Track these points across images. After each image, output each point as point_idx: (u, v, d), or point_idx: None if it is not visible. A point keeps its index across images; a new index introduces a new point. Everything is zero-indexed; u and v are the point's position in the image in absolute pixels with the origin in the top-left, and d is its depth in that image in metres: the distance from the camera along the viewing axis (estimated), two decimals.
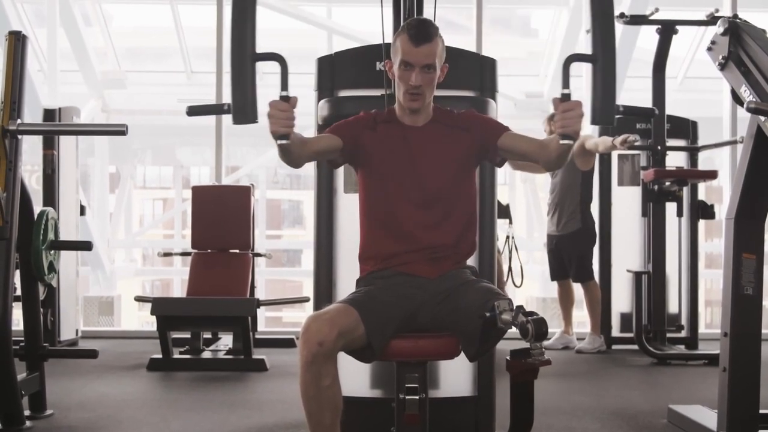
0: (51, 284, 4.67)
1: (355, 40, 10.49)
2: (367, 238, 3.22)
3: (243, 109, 3.12)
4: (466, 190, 3.22)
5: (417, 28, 3.10)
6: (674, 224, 6.93)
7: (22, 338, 4.42)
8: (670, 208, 6.77)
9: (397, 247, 3.13)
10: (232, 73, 3.12)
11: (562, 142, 2.86)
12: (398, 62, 3.09)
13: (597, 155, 7.04)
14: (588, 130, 7.12)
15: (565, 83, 2.90)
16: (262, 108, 2.96)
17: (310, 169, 3.80)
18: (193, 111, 3.37)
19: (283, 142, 2.85)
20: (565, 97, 2.87)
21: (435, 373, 3.83)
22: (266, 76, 12.81)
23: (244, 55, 3.10)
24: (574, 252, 7.12)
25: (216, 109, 3.59)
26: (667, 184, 6.59)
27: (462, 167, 3.18)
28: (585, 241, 7.13)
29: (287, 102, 2.85)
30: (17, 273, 4.29)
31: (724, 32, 3.84)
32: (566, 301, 7.33)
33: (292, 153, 2.97)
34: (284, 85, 2.91)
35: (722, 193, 10.63)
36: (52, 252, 4.58)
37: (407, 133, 3.15)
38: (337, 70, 3.97)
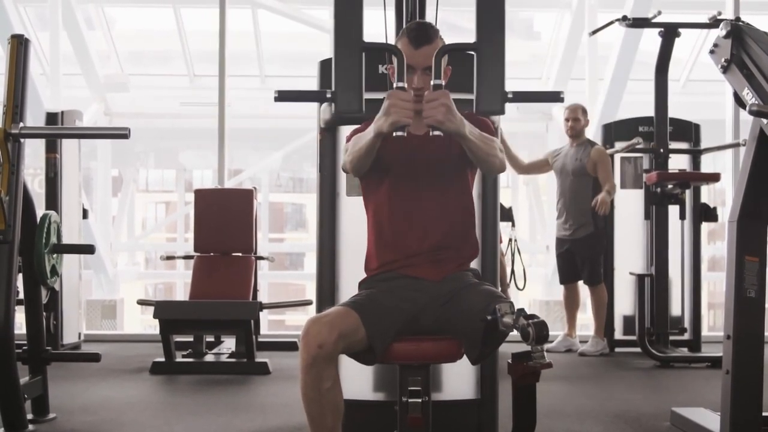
0: (54, 288, 4.67)
1: None
2: (371, 243, 3.22)
3: (349, 98, 3.09)
4: (467, 192, 3.21)
5: (417, 30, 3.10)
6: (677, 227, 6.93)
7: (25, 342, 4.42)
8: (673, 210, 6.77)
9: (399, 251, 3.13)
10: (338, 62, 3.09)
11: (432, 133, 2.84)
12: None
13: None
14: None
15: (437, 74, 2.89)
16: None
17: (312, 172, 3.81)
18: (284, 96, 3.30)
19: (399, 133, 2.83)
20: (436, 88, 2.86)
21: (437, 376, 3.83)
22: (268, 80, 12.85)
23: (352, 43, 3.07)
24: (587, 255, 7.12)
25: (316, 96, 3.52)
26: (670, 186, 6.59)
27: (461, 171, 3.18)
28: (597, 245, 7.14)
29: (405, 92, 2.84)
30: (20, 276, 4.29)
31: (727, 35, 3.83)
32: (572, 305, 7.33)
33: (373, 154, 2.98)
34: (401, 77, 2.90)
35: (725, 195, 10.62)
36: (55, 255, 4.59)
37: (409, 142, 3.15)
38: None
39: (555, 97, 3.31)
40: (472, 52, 3.06)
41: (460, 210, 3.18)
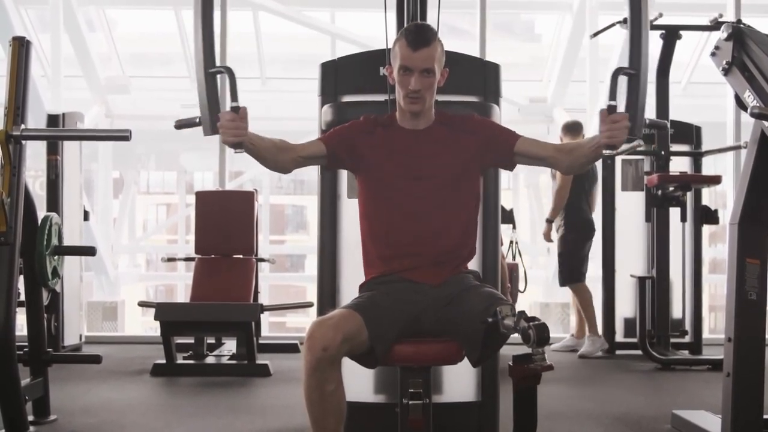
0: (55, 289, 4.68)
1: (359, 46, 10.50)
2: (368, 244, 3.22)
3: (213, 121, 3.19)
4: (468, 193, 3.21)
5: (415, 32, 3.11)
6: (678, 229, 6.93)
7: (26, 343, 4.42)
8: (674, 213, 6.76)
9: (398, 253, 3.13)
10: (199, 88, 3.21)
11: (606, 152, 2.97)
12: (397, 67, 3.10)
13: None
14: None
15: (612, 95, 3.00)
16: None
17: (313, 174, 3.81)
18: (180, 124, 3.42)
19: (239, 151, 2.96)
20: (612, 109, 2.97)
21: (438, 379, 3.84)
22: (269, 82, 12.85)
23: (203, 68, 3.19)
24: (559, 256, 7.36)
25: (190, 123, 3.64)
26: (671, 189, 6.58)
27: (464, 170, 3.18)
28: (567, 245, 7.32)
29: (236, 113, 2.93)
30: (21, 278, 4.29)
31: (728, 37, 3.83)
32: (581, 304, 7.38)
33: (267, 159, 3.08)
34: (234, 96, 2.99)
35: (726, 198, 10.62)
36: (56, 257, 4.59)
37: (407, 136, 3.16)
38: (341, 76, 3.97)
39: (663, 126, 3.50)
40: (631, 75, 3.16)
41: (460, 213, 3.18)
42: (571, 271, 7.26)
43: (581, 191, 7.27)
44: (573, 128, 7.45)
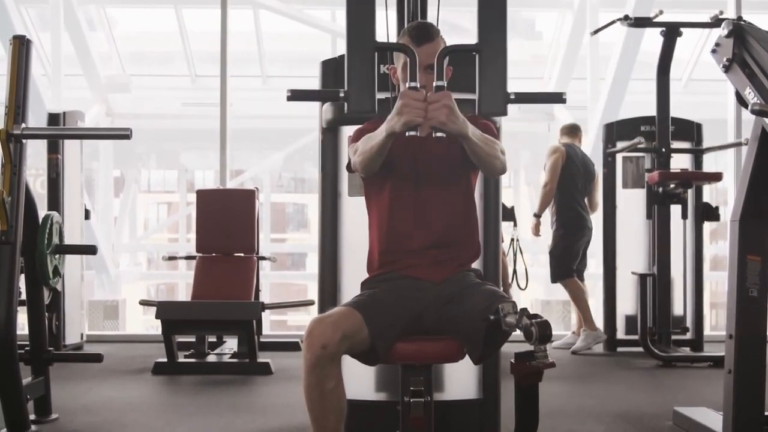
0: (56, 288, 4.67)
1: None
2: (373, 243, 3.22)
3: (361, 98, 3.08)
4: (469, 193, 3.21)
5: (418, 29, 3.11)
6: (679, 226, 6.92)
7: (27, 342, 4.42)
8: (675, 210, 6.76)
9: (401, 252, 3.13)
10: (350, 61, 3.07)
11: (435, 134, 2.84)
12: (401, 65, 3.09)
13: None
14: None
15: (439, 75, 2.88)
16: None
17: (314, 172, 3.81)
18: (297, 96, 3.28)
19: (413, 132, 2.81)
20: (439, 89, 2.85)
21: (440, 376, 3.83)
22: (270, 80, 12.85)
23: (365, 43, 3.06)
24: (550, 253, 7.38)
25: (328, 96, 3.51)
26: (672, 186, 6.58)
27: (462, 173, 3.18)
28: (556, 243, 7.38)
29: (418, 92, 2.81)
30: (22, 277, 4.29)
31: (729, 34, 3.83)
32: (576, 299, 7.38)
33: (382, 156, 2.97)
34: (413, 77, 2.89)
35: (727, 195, 10.62)
36: (57, 256, 4.59)
37: (411, 141, 3.15)
38: (341, 74, 3.96)
39: (557, 98, 3.29)
40: (475, 53, 3.06)
41: (462, 211, 3.18)
42: (560, 268, 7.30)
43: (574, 189, 7.29)
44: (571, 130, 7.46)
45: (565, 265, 7.29)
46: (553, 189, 7.23)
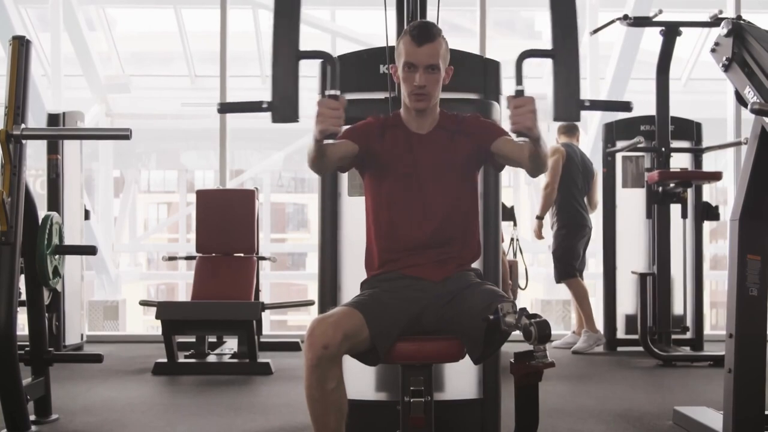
0: (56, 289, 4.67)
1: (359, 44, 10.51)
2: (372, 243, 3.22)
3: (284, 108, 3.08)
4: (469, 194, 3.21)
5: (419, 29, 3.10)
6: (679, 226, 6.92)
7: (27, 343, 4.42)
8: (675, 209, 6.76)
9: (402, 252, 3.13)
10: (274, 70, 3.08)
11: (516, 139, 2.84)
12: (402, 64, 3.10)
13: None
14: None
15: (518, 80, 2.89)
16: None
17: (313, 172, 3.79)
18: (226, 108, 3.30)
19: (330, 141, 2.83)
20: (519, 94, 2.85)
21: (440, 376, 3.83)
22: (269, 80, 12.84)
23: (289, 52, 3.06)
24: (553, 253, 7.37)
25: (252, 107, 3.52)
26: (672, 185, 6.58)
27: (464, 173, 3.18)
28: (559, 242, 7.36)
29: (336, 100, 2.82)
30: (22, 278, 4.29)
31: (728, 34, 3.83)
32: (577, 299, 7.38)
33: (327, 157, 2.97)
34: (334, 84, 2.89)
35: (727, 194, 10.62)
36: (57, 257, 4.59)
37: (412, 140, 3.15)
38: (341, 73, 3.97)
39: (626, 107, 3.33)
40: (550, 58, 3.06)
41: (462, 211, 3.18)
42: (563, 267, 7.30)
43: (574, 188, 7.30)
44: (569, 129, 7.45)
45: (569, 264, 7.29)
46: (554, 190, 7.23)
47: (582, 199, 7.37)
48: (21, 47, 4.15)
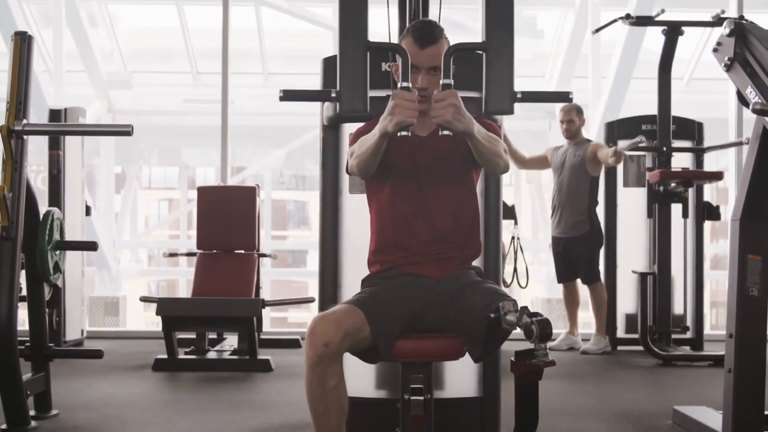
0: (56, 284, 4.68)
1: None
2: (374, 241, 3.22)
3: (353, 98, 3.06)
4: (470, 193, 3.21)
5: (422, 30, 3.09)
6: (680, 225, 6.92)
7: (28, 338, 4.43)
8: (676, 209, 6.76)
9: (402, 249, 3.13)
10: (343, 61, 3.06)
11: (441, 133, 2.83)
12: (402, 63, 3.08)
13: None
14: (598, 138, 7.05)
15: (446, 74, 2.86)
16: None
17: (315, 169, 3.81)
18: (289, 96, 3.26)
19: (404, 133, 2.82)
20: (446, 87, 2.84)
21: (440, 374, 3.83)
22: (271, 77, 12.84)
23: (357, 43, 3.04)
24: (583, 254, 7.13)
25: (320, 96, 3.49)
26: (673, 185, 6.58)
27: (465, 172, 3.18)
28: (594, 244, 7.15)
29: (409, 92, 2.82)
30: (23, 273, 4.30)
31: (730, 33, 3.83)
32: (572, 303, 7.33)
33: (377, 157, 2.97)
34: (405, 77, 2.88)
35: (728, 194, 10.61)
36: (58, 252, 4.59)
37: (412, 141, 3.14)
38: (341, 73, 3.96)
39: (564, 97, 3.28)
40: (480, 52, 3.04)
41: (463, 209, 3.18)
42: (594, 268, 7.11)
43: (597, 192, 7.18)
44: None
45: (598, 267, 7.21)
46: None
47: None
48: (23, 43, 4.15)
